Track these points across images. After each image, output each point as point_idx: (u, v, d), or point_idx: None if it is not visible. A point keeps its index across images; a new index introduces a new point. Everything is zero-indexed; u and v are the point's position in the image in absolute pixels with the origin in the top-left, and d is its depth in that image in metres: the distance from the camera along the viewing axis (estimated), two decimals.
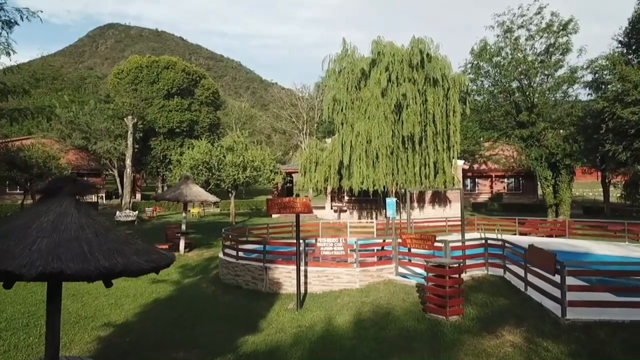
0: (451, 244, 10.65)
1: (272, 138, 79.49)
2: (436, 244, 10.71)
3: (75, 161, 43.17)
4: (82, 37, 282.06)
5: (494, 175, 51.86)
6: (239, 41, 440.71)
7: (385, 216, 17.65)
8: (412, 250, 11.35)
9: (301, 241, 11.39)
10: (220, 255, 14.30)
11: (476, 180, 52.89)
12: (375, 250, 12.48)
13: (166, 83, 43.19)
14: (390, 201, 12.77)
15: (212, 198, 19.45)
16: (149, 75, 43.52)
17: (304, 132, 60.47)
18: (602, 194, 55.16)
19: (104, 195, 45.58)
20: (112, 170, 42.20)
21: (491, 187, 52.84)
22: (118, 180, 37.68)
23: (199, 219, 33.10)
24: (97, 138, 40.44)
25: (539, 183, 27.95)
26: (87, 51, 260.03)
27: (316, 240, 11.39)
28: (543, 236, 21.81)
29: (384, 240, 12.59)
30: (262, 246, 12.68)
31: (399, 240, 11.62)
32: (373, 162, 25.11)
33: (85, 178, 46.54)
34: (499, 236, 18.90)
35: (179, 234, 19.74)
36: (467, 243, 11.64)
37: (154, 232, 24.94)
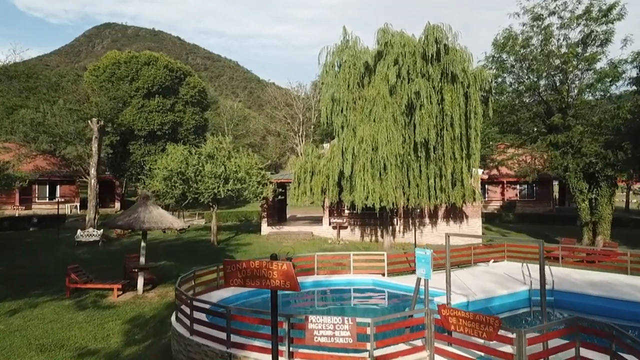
0: (528, 334, 6.49)
1: (267, 139, 75.31)
2: (501, 332, 6.55)
3: (45, 167, 38.92)
4: (79, 36, 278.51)
5: (505, 182, 47.82)
6: (236, 41, 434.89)
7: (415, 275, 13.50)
8: (457, 331, 7.21)
9: (282, 319, 7.24)
10: (172, 320, 10.11)
11: (486, 186, 48.78)
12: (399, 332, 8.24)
13: (146, 81, 38.91)
14: (423, 255, 8.60)
15: (178, 224, 15.27)
16: (127, 72, 39.23)
17: (299, 134, 56.32)
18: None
19: (78, 204, 41.34)
20: (86, 178, 38.02)
21: (502, 194, 48.82)
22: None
23: (178, 235, 28.87)
24: (69, 142, 36.21)
25: (575, 196, 23.73)
26: (84, 51, 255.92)
27: (307, 319, 7.26)
28: (583, 263, 17.69)
29: (411, 317, 8.39)
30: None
31: (436, 316, 7.48)
32: (380, 173, 21.00)
33: (58, 185, 42.35)
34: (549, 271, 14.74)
35: (136, 270, 15.54)
36: (549, 328, 7.45)
37: (118, 258, 20.68)
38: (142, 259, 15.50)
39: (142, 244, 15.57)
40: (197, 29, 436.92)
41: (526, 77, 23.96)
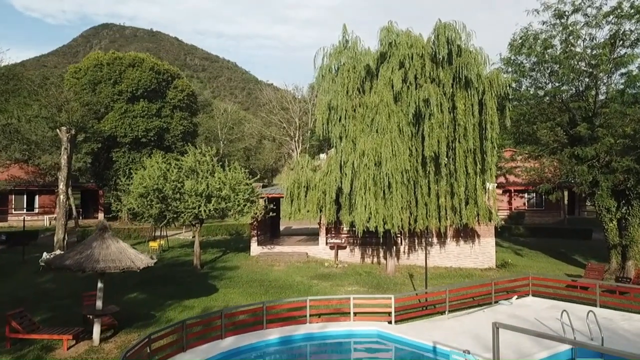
0: None
1: (264, 143, 72.69)
2: None
3: (21, 177, 36.27)
4: (76, 37, 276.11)
5: (513, 190, 45.35)
6: (235, 41, 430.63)
7: None
8: None
9: None
10: None
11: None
12: None
13: (130, 84, 36.19)
14: None
15: (142, 261, 12.58)
16: (109, 75, 36.52)
17: (296, 139, 53.69)
18: None
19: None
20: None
21: (510, 203, 46.36)
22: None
23: (160, 254, 26.20)
24: (46, 150, 33.61)
25: (601, 215, 21.14)
26: (81, 51, 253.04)
27: None
28: (616, 295, 15.05)
29: None
30: None
31: None
32: (384, 192, 18.39)
33: (37, 196, 39.66)
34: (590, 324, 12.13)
35: (90, 317, 12.88)
36: None
37: (85, 288, 17.82)
38: (99, 303, 12.83)
39: (99, 284, 12.91)
40: (195, 29, 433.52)
41: (547, 81, 21.41)
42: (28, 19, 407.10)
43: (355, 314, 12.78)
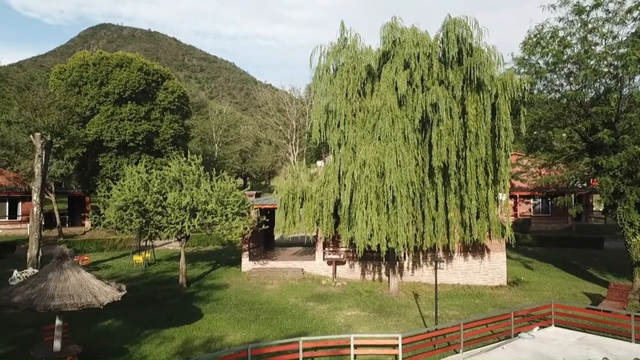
0: None
1: (261, 145, 70.86)
2: None
3: (2, 183, 34.40)
4: (74, 37, 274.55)
5: (518, 196, 43.51)
6: (233, 42, 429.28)
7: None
8: None
9: None
10: None
11: None
12: None
13: (117, 85, 34.25)
14: None
15: (107, 295, 10.75)
16: (95, 75, 34.58)
17: (292, 142, 51.80)
18: None
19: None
20: (49, 195, 33.59)
21: (515, 209, 44.46)
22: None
23: (144, 269, 24.33)
24: (27, 155, 31.72)
25: (623, 229, 19.29)
26: (79, 52, 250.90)
27: None
28: None
29: None
30: None
31: None
32: (387, 206, 16.57)
33: (20, 202, 37.71)
34: None
35: None
36: None
37: (50, 320, 15.91)
38: (57, 344, 11.00)
39: (57, 322, 11.07)
40: (193, 29, 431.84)
41: (564, 83, 19.62)
42: (26, 19, 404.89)
43: (355, 356, 10.95)
